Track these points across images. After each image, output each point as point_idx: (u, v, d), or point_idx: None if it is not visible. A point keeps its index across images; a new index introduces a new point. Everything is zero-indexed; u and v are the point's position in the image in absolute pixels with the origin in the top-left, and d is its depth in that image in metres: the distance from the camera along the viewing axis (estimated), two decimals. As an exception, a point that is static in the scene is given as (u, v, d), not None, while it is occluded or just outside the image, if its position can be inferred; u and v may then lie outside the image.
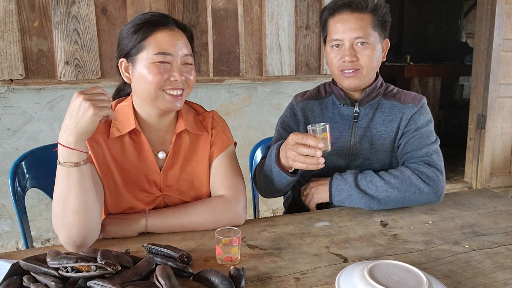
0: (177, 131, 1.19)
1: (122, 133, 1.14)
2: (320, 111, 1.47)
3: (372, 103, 1.42)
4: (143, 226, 1.11)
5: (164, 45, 1.09)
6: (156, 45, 1.08)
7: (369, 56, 1.33)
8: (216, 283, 0.84)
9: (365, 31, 1.31)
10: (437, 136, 1.41)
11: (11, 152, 2.36)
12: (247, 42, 2.74)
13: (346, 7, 1.33)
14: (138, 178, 1.16)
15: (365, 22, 1.32)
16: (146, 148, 1.17)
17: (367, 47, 1.32)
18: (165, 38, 1.09)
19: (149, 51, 1.08)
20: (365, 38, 1.31)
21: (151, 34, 1.09)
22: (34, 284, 0.80)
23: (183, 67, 1.12)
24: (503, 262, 1.00)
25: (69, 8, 2.32)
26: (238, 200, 1.20)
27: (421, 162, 1.33)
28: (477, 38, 3.56)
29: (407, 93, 1.45)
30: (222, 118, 1.33)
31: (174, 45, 1.10)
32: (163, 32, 1.09)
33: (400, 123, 1.39)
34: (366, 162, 1.40)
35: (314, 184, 1.40)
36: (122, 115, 1.16)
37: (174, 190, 1.20)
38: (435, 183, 1.28)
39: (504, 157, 3.72)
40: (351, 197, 1.30)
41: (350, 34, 1.32)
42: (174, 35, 1.11)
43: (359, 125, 1.41)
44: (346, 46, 1.33)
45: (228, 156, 1.25)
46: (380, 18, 1.34)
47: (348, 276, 0.86)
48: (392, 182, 1.28)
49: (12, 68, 2.26)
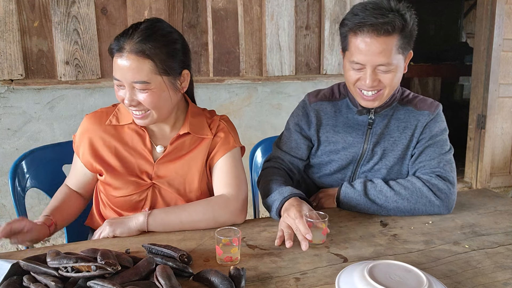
0: (180, 132, 1.24)
1: (120, 123, 1.23)
2: (333, 113, 1.41)
3: (388, 109, 1.38)
4: (144, 223, 1.13)
5: (115, 70, 1.12)
6: (114, 68, 1.13)
7: (391, 79, 1.25)
8: (216, 283, 0.84)
9: (390, 57, 1.21)
10: (451, 145, 1.37)
11: (11, 152, 2.36)
12: (247, 42, 2.74)
13: (371, 29, 1.19)
14: (131, 165, 1.22)
15: (390, 46, 1.20)
16: (146, 140, 1.23)
17: (389, 72, 1.24)
18: (116, 63, 1.11)
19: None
20: (388, 65, 1.22)
21: (113, 57, 1.13)
22: (34, 284, 0.80)
23: (135, 92, 1.12)
24: (503, 262, 1.00)
25: (69, 8, 2.32)
26: (238, 198, 1.21)
27: (433, 173, 1.30)
28: (477, 38, 3.56)
29: (423, 99, 1.40)
30: (232, 123, 1.35)
31: (121, 71, 1.10)
32: (115, 57, 1.11)
33: (415, 130, 1.36)
34: (375, 168, 1.38)
35: (323, 194, 1.40)
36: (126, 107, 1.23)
37: (164, 182, 1.23)
38: (446, 196, 1.27)
39: (504, 157, 3.72)
40: (359, 206, 1.29)
41: (373, 60, 1.21)
42: (123, 61, 1.09)
43: (374, 132, 1.37)
44: (368, 71, 1.23)
45: (232, 157, 1.27)
46: (408, 35, 1.23)
47: (348, 276, 0.86)
48: (402, 193, 1.27)
49: (12, 68, 2.26)
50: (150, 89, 1.11)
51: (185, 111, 1.28)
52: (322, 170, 1.44)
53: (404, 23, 1.20)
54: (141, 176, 1.22)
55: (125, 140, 1.23)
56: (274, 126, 2.87)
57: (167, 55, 1.12)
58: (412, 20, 1.24)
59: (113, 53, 1.12)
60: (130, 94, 1.11)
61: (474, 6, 5.71)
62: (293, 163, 1.45)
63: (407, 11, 1.23)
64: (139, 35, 1.09)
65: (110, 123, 1.23)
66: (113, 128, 1.23)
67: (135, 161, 1.22)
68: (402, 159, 1.37)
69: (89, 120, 1.24)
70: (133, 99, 1.12)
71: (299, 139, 1.44)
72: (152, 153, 1.23)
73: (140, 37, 1.09)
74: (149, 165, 1.23)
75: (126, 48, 1.08)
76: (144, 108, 1.14)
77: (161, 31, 1.13)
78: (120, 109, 1.26)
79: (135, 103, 1.12)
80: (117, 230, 1.11)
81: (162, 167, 1.23)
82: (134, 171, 1.22)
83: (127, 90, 1.11)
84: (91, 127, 1.23)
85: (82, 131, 1.24)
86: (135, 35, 1.09)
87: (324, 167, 1.43)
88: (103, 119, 1.24)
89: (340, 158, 1.39)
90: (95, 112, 1.27)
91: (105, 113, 1.26)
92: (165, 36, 1.13)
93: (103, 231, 1.12)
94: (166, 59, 1.12)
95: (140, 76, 1.09)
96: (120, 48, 1.09)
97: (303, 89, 2.90)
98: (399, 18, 1.20)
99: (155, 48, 1.09)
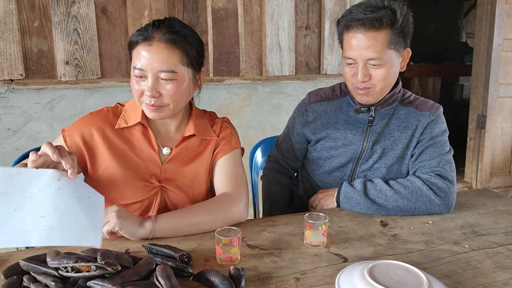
0: (186, 134, 1.23)
1: (128, 125, 1.20)
2: (333, 112, 1.44)
3: (388, 108, 1.40)
4: (150, 232, 1.07)
5: (139, 60, 1.10)
6: (134, 59, 1.12)
7: (383, 75, 1.28)
8: (216, 283, 0.84)
9: (379, 51, 1.24)
10: (451, 147, 1.39)
11: (11, 152, 2.35)
12: (247, 42, 2.74)
13: (360, 24, 1.24)
14: (139, 168, 1.20)
15: (379, 41, 1.24)
16: (153, 141, 1.22)
17: (380, 67, 1.27)
18: (141, 53, 1.10)
19: (132, 63, 1.14)
20: (379, 60, 1.25)
21: (135, 46, 1.13)
22: (34, 284, 0.80)
23: (159, 83, 1.11)
24: (503, 262, 1.00)
25: (69, 8, 2.32)
26: (240, 197, 1.21)
27: (432, 172, 1.31)
28: (477, 38, 3.56)
29: (424, 100, 1.42)
30: (233, 124, 1.37)
31: (147, 61, 1.09)
32: (141, 47, 1.10)
33: (415, 131, 1.37)
34: (374, 166, 1.39)
35: (323, 195, 1.41)
36: (133, 108, 1.23)
37: (173, 184, 1.22)
38: (446, 195, 1.27)
39: (504, 157, 3.72)
40: (359, 205, 1.30)
41: (363, 54, 1.25)
42: (151, 50, 1.09)
43: (374, 130, 1.39)
44: (359, 66, 1.28)
45: (233, 157, 1.27)
46: (399, 31, 1.26)
47: (348, 276, 0.86)
48: (402, 192, 1.27)
49: (12, 68, 2.26)
50: (176, 80, 1.11)
51: (189, 113, 1.29)
52: (321, 167, 1.45)
53: (394, 19, 1.24)
54: (150, 179, 1.20)
55: (132, 142, 1.21)
56: (274, 126, 2.87)
57: (194, 48, 1.16)
58: (404, 17, 1.26)
59: (137, 43, 1.11)
60: (154, 84, 1.10)
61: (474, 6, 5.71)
62: (290, 164, 1.57)
63: (399, 8, 1.26)
64: (167, 27, 1.11)
65: (119, 127, 1.20)
66: (121, 130, 1.21)
67: (143, 164, 1.20)
68: (402, 159, 1.38)
69: (95, 118, 1.20)
70: (155, 89, 1.10)
71: (295, 139, 1.52)
72: (159, 155, 1.22)
73: (169, 28, 1.11)
74: (157, 167, 1.21)
75: (156, 37, 1.09)
76: (163, 100, 1.13)
77: (186, 26, 1.17)
78: (127, 109, 1.23)
79: (157, 94, 1.11)
80: (123, 230, 1.03)
81: (170, 169, 1.22)
82: (143, 175, 1.20)
83: (151, 80, 1.10)
84: (98, 124, 1.19)
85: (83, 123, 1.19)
86: (163, 27, 1.11)
87: (324, 164, 1.45)
88: (110, 120, 1.21)
89: (340, 154, 1.40)
90: (100, 111, 1.23)
91: (112, 113, 1.23)
92: (191, 30, 1.17)
93: (109, 223, 1.02)
94: (193, 52, 1.15)
95: (169, 65, 1.10)
96: (148, 37, 1.09)
97: (303, 89, 2.90)
98: (389, 13, 1.24)
99: (184, 39, 1.12)
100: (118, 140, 1.20)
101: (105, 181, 1.18)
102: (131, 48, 1.14)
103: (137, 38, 1.11)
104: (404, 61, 1.34)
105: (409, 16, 1.29)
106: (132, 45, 1.13)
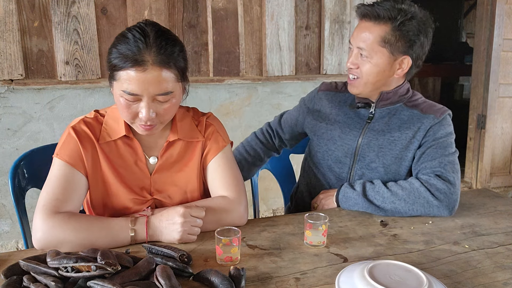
0: (169, 139, 1.18)
1: (112, 138, 1.13)
2: (337, 103, 1.48)
3: (391, 107, 1.40)
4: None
5: (131, 84, 1.00)
6: (124, 82, 1.01)
7: (368, 69, 1.32)
8: (216, 283, 0.84)
9: (368, 44, 1.29)
10: (456, 149, 1.35)
11: (11, 152, 2.36)
12: (247, 42, 2.74)
13: (363, 13, 1.32)
14: (129, 181, 1.16)
15: (373, 34, 1.28)
16: (139, 152, 1.16)
17: (367, 61, 1.31)
18: (133, 77, 0.99)
19: (118, 84, 1.02)
20: (366, 51, 1.30)
21: (122, 68, 1.00)
22: (34, 284, 0.80)
23: (155, 103, 1.04)
24: (503, 262, 1.00)
25: (69, 8, 2.32)
26: (241, 201, 1.19)
27: (432, 173, 1.29)
28: (477, 38, 3.56)
29: (431, 104, 1.41)
30: (217, 119, 1.29)
31: (143, 86, 1.00)
32: (133, 71, 0.99)
33: (417, 133, 1.35)
34: (371, 165, 1.38)
35: (324, 195, 1.41)
36: (114, 119, 1.15)
37: (165, 195, 1.19)
38: (446, 196, 1.24)
39: (504, 157, 3.72)
40: (357, 205, 1.30)
41: (356, 42, 1.32)
42: (146, 75, 0.99)
43: (371, 127, 1.39)
44: (353, 52, 1.34)
45: (225, 156, 1.23)
46: (398, 33, 1.26)
47: (348, 276, 0.86)
48: (399, 193, 1.27)
49: (12, 68, 2.26)
50: (173, 98, 1.06)
51: None
52: (321, 162, 1.47)
53: (391, 16, 1.26)
54: (141, 193, 1.16)
55: (118, 155, 1.15)
56: (274, 126, 2.87)
57: (184, 60, 1.08)
58: (409, 20, 1.26)
59: (123, 67, 1.00)
60: (150, 107, 1.03)
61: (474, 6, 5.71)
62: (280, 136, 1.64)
63: (411, 12, 1.27)
64: (157, 45, 1.01)
65: (104, 141, 1.13)
66: (106, 143, 1.14)
67: (132, 176, 1.16)
68: (400, 159, 1.37)
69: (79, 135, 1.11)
70: (152, 111, 1.03)
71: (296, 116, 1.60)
72: (147, 166, 1.17)
73: (159, 46, 1.01)
74: (146, 179, 1.17)
75: (149, 60, 0.99)
76: (158, 119, 1.06)
77: (171, 35, 1.07)
78: (108, 122, 1.15)
79: (154, 114, 1.04)
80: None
81: (159, 179, 1.18)
82: (133, 188, 1.16)
83: (147, 103, 1.02)
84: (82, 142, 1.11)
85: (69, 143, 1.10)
86: (152, 45, 1.00)
87: (322, 158, 1.47)
88: (93, 133, 1.12)
89: (337, 149, 1.42)
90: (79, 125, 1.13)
91: (92, 125, 1.14)
92: (176, 40, 1.07)
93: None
94: (182, 64, 1.07)
95: (166, 87, 1.02)
96: (141, 62, 0.99)
97: (303, 89, 2.90)
98: (394, 12, 1.25)
99: (176, 56, 1.04)
100: (103, 154, 1.13)
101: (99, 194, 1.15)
102: (117, 69, 1.02)
103: (125, 63, 0.99)
104: (401, 69, 1.33)
105: (420, 24, 1.28)
106: (118, 68, 1.01)
